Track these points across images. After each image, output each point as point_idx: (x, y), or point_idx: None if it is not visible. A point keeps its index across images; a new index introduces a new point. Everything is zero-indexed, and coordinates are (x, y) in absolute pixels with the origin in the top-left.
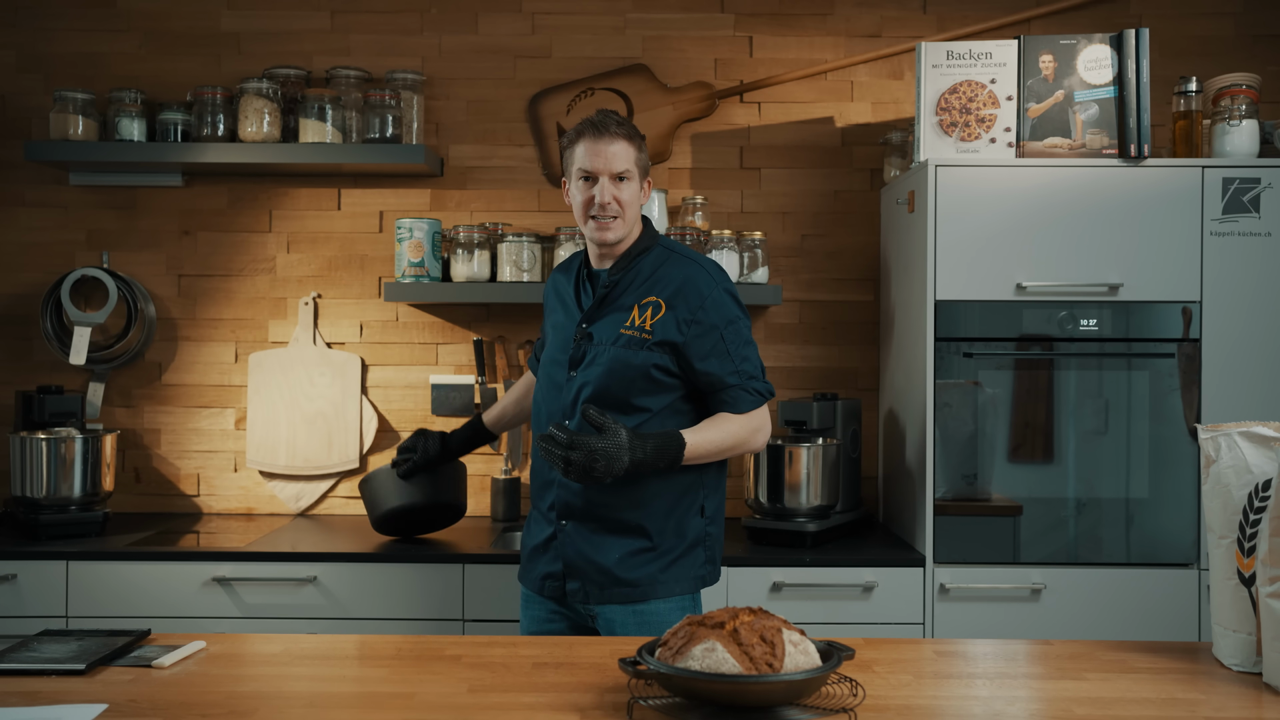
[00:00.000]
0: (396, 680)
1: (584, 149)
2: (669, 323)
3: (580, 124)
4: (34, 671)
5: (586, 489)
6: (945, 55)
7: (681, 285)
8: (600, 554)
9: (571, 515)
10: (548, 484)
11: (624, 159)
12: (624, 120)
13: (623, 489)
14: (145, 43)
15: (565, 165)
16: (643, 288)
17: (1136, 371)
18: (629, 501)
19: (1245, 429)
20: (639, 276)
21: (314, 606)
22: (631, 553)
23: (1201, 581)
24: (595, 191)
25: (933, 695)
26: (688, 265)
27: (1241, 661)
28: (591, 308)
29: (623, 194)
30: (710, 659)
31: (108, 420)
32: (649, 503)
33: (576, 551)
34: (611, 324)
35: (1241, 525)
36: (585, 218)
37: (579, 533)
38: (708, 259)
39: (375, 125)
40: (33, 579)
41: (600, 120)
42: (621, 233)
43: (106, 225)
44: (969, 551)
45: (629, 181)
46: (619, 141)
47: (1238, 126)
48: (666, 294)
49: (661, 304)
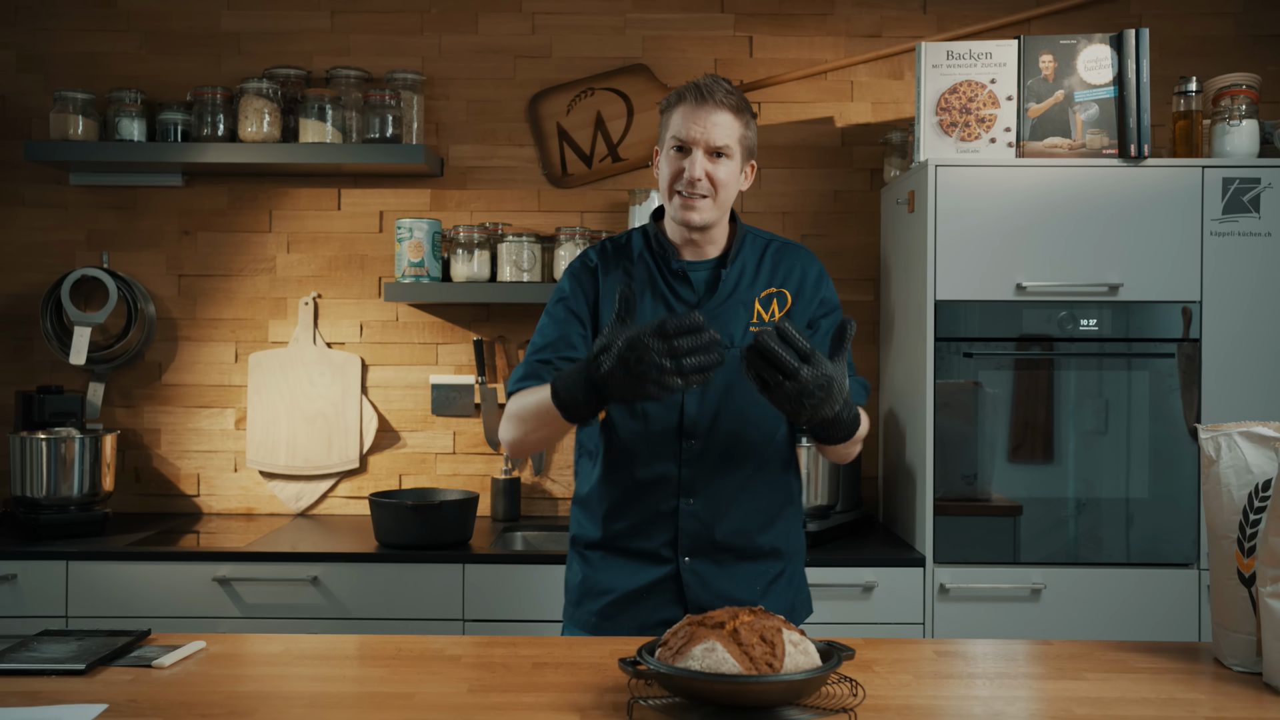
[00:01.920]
0: (397, 680)
1: (681, 115)
2: (798, 317)
3: (683, 86)
4: (34, 671)
5: (711, 514)
6: (945, 55)
7: (803, 274)
8: (740, 588)
9: (699, 550)
10: (659, 516)
11: (726, 132)
12: (734, 89)
13: (755, 506)
14: (145, 43)
15: (660, 132)
16: (760, 278)
17: (1136, 371)
18: (762, 521)
19: (1245, 429)
20: (748, 265)
21: (314, 606)
22: (771, 580)
23: (1201, 581)
24: (686, 164)
25: (932, 695)
26: (799, 252)
27: (1242, 661)
28: (704, 301)
29: (719, 171)
30: (710, 659)
31: (108, 420)
32: (777, 518)
33: (712, 592)
34: (732, 322)
35: (1241, 525)
36: (671, 193)
37: (707, 569)
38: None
39: (375, 125)
40: (33, 579)
41: (707, 85)
42: (711, 216)
43: (106, 225)
44: (969, 551)
45: (728, 159)
46: (723, 112)
47: (1238, 126)
48: (791, 285)
49: (787, 295)
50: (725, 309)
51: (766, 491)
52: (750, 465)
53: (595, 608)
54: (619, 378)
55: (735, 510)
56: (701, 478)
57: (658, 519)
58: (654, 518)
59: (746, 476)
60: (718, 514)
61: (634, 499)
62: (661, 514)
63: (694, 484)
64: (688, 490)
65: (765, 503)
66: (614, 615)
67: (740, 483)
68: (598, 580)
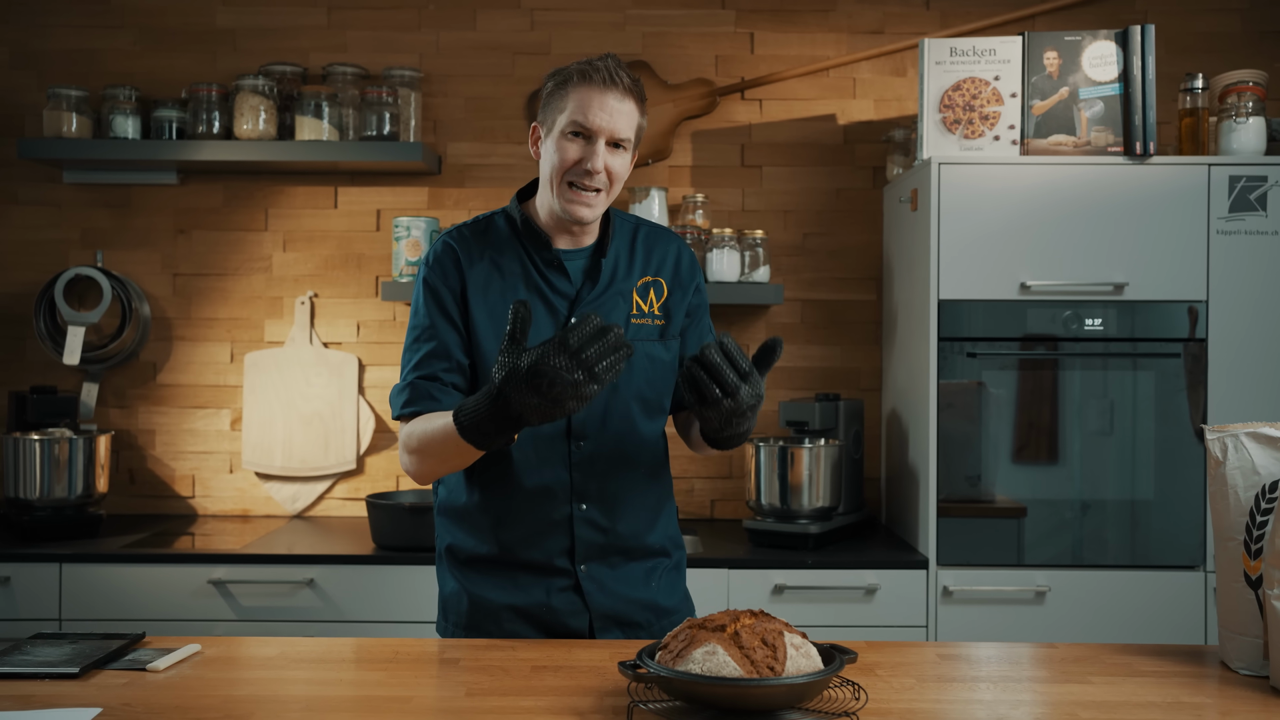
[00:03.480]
0: (394, 684)
1: (583, 97)
2: (677, 304)
3: (584, 64)
4: (27, 675)
5: (606, 518)
6: (948, 52)
7: (677, 260)
8: (636, 587)
9: (593, 555)
10: (550, 525)
11: (629, 122)
12: (635, 76)
13: (644, 504)
14: (140, 39)
15: (545, 110)
16: (635, 267)
17: (1142, 372)
18: (650, 520)
19: (1252, 430)
20: (621, 253)
21: (311, 609)
22: (664, 571)
23: (1208, 584)
24: (587, 154)
25: (936, 699)
26: (668, 236)
27: (1248, 665)
28: (583, 294)
29: (617, 164)
30: (711, 662)
31: (102, 421)
32: (660, 514)
33: (610, 594)
34: (612, 314)
35: (1248, 527)
36: (560, 183)
37: (602, 573)
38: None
39: (372, 123)
40: (26, 581)
41: (610, 69)
42: (600, 211)
43: (101, 224)
44: (972, 554)
45: (625, 152)
46: (629, 100)
47: (1244, 124)
48: (666, 272)
49: (663, 284)
50: (604, 301)
51: (654, 489)
52: (640, 463)
53: (492, 628)
54: (533, 406)
55: (629, 512)
56: (594, 480)
57: (550, 527)
58: (546, 527)
59: (638, 476)
60: (613, 517)
61: (524, 509)
62: (554, 522)
63: (586, 488)
64: (580, 495)
65: (653, 500)
66: (509, 629)
67: (632, 483)
68: (487, 598)
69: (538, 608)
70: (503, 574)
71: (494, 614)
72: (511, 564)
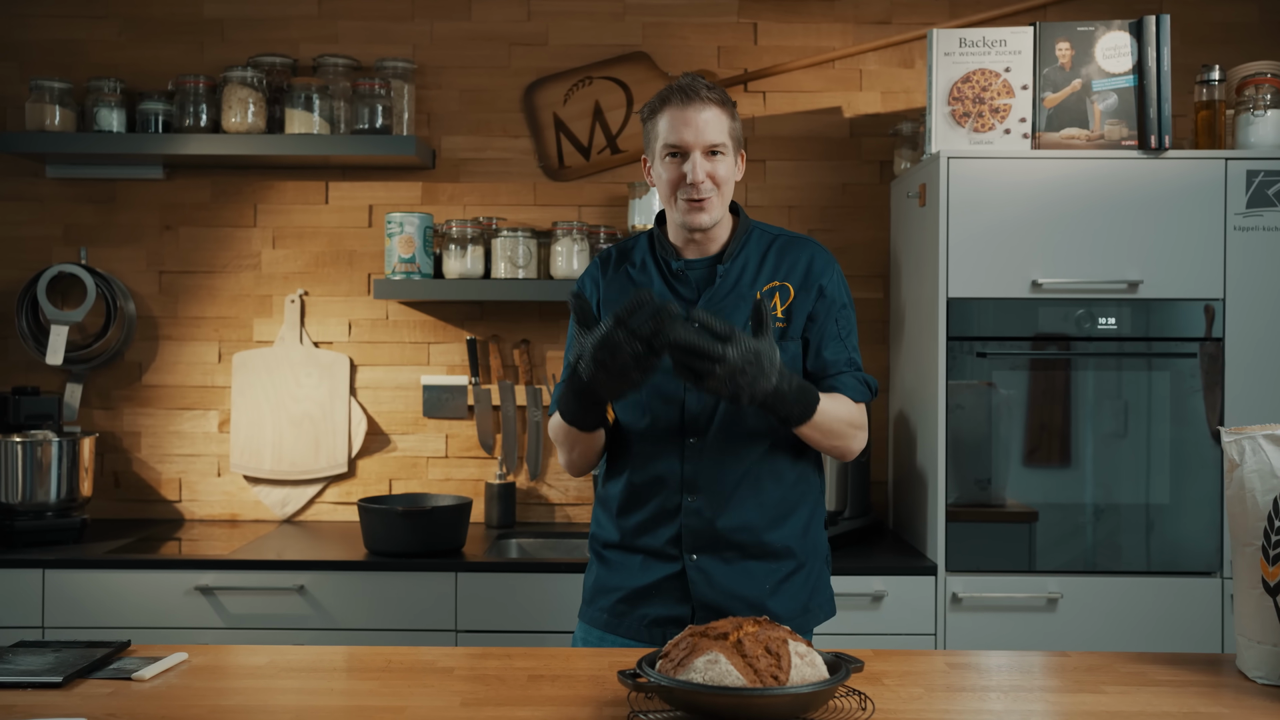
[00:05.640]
0: (386, 693)
1: (670, 120)
2: (800, 307)
3: (664, 90)
4: (9, 684)
5: (712, 510)
6: (958, 43)
7: (808, 265)
8: (746, 585)
9: (702, 547)
10: (663, 513)
11: (717, 129)
12: (714, 85)
13: (759, 502)
14: (125, 30)
15: (647, 140)
16: (763, 272)
17: (1157, 372)
18: (771, 518)
19: (1270, 432)
20: (750, 260)
21: (301, 616)
22: (781, 579)
23: (1225, 591)
24: (686, 168)
25: (945, 709)
26: (808, 244)
27: (1266, 674)
28: (705, 299)
29: (719, 169)
30: (713, 671)
31: (86, 422)
32: (789, 516)
33: (717, 589)
34: (732, 317)
35: (1266, 532)
36: (674, 198)
37: (714, 566)
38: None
39: (364, 115)
40: (7, 588)
41: (688, 84)
42: (718, 214)
43: (84, 220)
44: (982, 559)
45: (723, 156)
46: (710, 108)
47: (1262, 117)
48: (795, 278)
49: (790, 289)
50: (725, 304)
51: (773, 488)
52: (751, 460)
53: (606, 604)
54: (602, 380)
55: (738, 506)
56: (703, 474)
57: (662, 516)
58: (659, 515)
59: (748, 471)
60: (719, 510)
61: (641, 497)
62: (666, 511)
63: (696, 480)
64: (690, 487)
65: (772, 499)
66: (625, 612)
67: (741, 478)
68: (609, 579)
69: (647, 590)
70: (627, 557)
71: (610, 594)
72: (630, 549)
